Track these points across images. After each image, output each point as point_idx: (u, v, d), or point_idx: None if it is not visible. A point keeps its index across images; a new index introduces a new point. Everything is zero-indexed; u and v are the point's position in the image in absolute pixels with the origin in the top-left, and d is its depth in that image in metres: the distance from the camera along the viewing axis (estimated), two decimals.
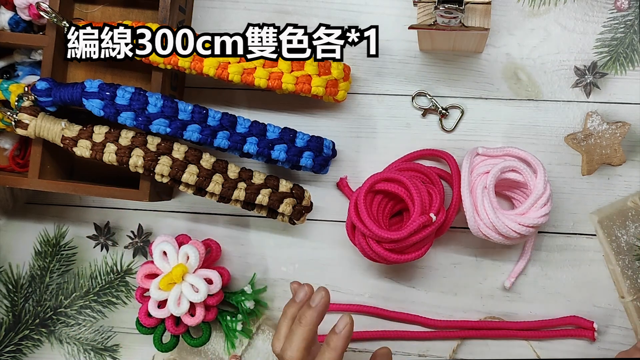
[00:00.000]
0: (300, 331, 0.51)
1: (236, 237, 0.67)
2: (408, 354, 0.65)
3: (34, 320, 0.69)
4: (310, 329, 0.51)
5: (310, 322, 0.51)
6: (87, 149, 0.58)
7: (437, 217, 0.58)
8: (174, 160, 0.59)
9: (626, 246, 0.62)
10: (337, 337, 0.50)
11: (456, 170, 0.61)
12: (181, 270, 0.60)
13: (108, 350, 0.68)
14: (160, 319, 0.62)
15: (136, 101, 0.58)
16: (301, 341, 0.50)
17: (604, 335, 0.62)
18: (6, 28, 0.65)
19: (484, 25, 0.54)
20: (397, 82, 0.65)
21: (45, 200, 0.69)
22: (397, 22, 0.65)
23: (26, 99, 0.60)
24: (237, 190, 0.60)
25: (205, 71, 0.59)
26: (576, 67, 0.63)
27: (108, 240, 0.68)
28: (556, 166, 0.63)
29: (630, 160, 0.63)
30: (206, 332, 0.64)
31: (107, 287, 0.68)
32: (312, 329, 0.51)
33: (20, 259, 0.69)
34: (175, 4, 0.62)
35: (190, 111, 0.59)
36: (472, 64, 0.64)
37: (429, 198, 0.59)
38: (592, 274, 0.63)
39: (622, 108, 0.63)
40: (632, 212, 0.62)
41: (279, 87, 0.59)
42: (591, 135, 0.62)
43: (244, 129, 0.60)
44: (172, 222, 0.68)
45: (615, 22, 0.63)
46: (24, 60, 0.66)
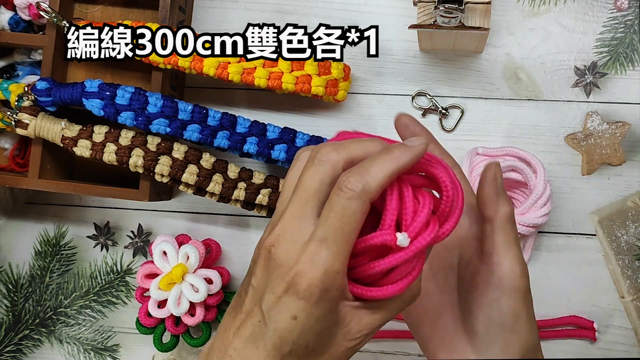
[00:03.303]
0: (385, 161, 0.34)
1: (236, 237, 0.67)
2: (408, 353, 0.65)
3: (34, 320, 0.69)
4: (399, 167, 0.34)
5: (402, 160, 0.34)
6: (87, 149, 0.58)
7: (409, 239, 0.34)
8: (174, 160, 0.59)
9: (626, 246, 0.62)
10: (406, 149, 0.35)
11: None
12: (181, 270, 0.60)
13: (108, 350, 0.68)
14: (160, 319, 0.62)
15: (136, 101, 0.58)
16: (385, 177, 0.34)
17: (604, 335, 0.62)
18: (6, 28, 0.65)
19: (484, 25, 0.54)
20: (397, 82, 0.65)
21: (45, 200, 0.69)
22: (397, 22, 0.65)
23: (26, 98, 0.60)
24: (237, 190, 0.60)
25: (205, 71, 0.59)
26: (576, 67, 0.63)
27: (108, 240, 0.68)
28: (556, 166, 0.63)
29: (630, 160, 0.63)
30: (206, 332, 0.64)
31: (107, 287, 0.68)
32: (400, 168, 0.34)
33: (20, 259, 0.69)
34: (175, 4, 0.62)
35: (190, 111, 0.59)
36: (472, 64, 0.64)
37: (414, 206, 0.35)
38: (592, 274, 0.63)
39: (622, 108, 0.63)
40: (632, 212, 0.62)
41: (279, 87, 0.60)
42: (591, 135, 0.62)
43: (244, 129, 0.60)
44: (172, 222, 0.68)
45: (615, 22, 0.63)
46: (24, 60, 0.66)
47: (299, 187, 0.35)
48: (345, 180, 0.33)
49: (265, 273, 0.34)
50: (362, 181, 0.33)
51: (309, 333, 0.34)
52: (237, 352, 0.35)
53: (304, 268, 0.33)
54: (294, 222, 0.34)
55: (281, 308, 0.34)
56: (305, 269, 0.33)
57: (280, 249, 0.34)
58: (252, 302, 0.35)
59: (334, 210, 0.33)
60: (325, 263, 0.33)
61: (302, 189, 0.34)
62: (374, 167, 0.34)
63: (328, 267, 0.33)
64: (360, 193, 0.33)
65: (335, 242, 0.33)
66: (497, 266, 0.39)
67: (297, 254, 0.33)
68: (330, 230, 0.33)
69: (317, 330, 0.34)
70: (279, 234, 0.34)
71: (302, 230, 0.34)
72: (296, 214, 0.34)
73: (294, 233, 0.34)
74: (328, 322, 0.34)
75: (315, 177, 0.34)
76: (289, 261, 0.33)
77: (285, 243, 0.34)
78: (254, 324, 0.35)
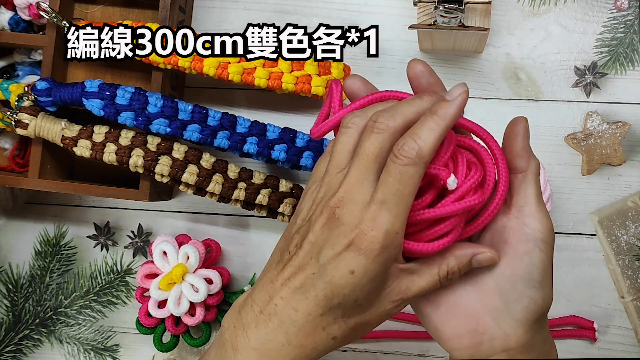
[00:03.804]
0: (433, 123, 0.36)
1: (236, 237, 0.67)
2: (408, 353, 0.65)
3: (34, 320, 0.69)
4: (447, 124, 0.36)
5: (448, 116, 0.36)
6: (87, 149, 0.58)
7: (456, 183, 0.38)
8: (174, 160, 0.59)
9: (626, 246, 0.62)
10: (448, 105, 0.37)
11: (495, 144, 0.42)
12: (181, 270, 0.60)
13: (108, 350, 0.68)
14: (160, 319, 0.62)
15: (136, 101, 0.58)
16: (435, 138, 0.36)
17: (604, 335, 0.62)
18: (6, 28, 0.65)
19: (484, 25, 0.54)
20: (397, 82, 0.65)
21: (45, 200, 0.69)
22: (397, 22, 0.65)
23: (26, 98, 0.60)
24: (237, 190, 0.60)
25: (205, 71, 0.59)
26: (576, 67, 0.63)
27: (108, 240, 0.68)
28: (556, 166, 0.63)
29: (630, 160, 0.63)
30: (206, 332, 0.64)
31: (107, 287, 0.68)
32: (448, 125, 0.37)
33: (20, 259, 0.69)
34: (175, 4, 0.62)
35: (190, 111, 0.59)
36: (472, 64, 0.64)
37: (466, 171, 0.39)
38: (592, 274, 0.63)
39: (622, 108, 0.63)
40: (632, 212, 0.62)
41: (279, 87, 0.60)
42: (591, 135, 0.62)
43: (244, 129, 0.60)
44: (172, 222, 0.68)
45: (615, 22, 0.63)
46: (24, 60, 0.66)
47: (361, 153, 0.37)
48: (400, 147, 0.36)
49: (326, 230, 0.37)
50: (415, 147, 0.36)
51: (360, 289, 0.37)
52: (285, 300, 0.38)
53: (366, 227, 0.36)
54: (357, 185, 0.37)
55: (339, 263, 0.36)
56: (367, 227, 0.36)
57: (345, 209, 0.36)
58: (308, 256, 0.37)
59: (392, 176, 0.36)
60: (386, 223, 0.36)
61: (364, 154, 0.37)
62: (424, 131, 0.36)
63: (389, 227, 0.36)
64: (415, 159, 0.36)
65: (394, 204, 0.36)
66: (531, 218, 0.39)
67: (360, 215, 0.36)
68: (389, 193, 0.36)
69: (369, 288, 0.37)
70: (343, 196, 0.37)
71: (364, 193, 0.37)
72: (359, 178, 0.37)
73: (357, 195, 0.37)
74: (380, 280, 0.37)
75: (376, 144, 0.37)
76: (352, 220, 0.36)
77: (349, 204, 0.36)
78: (307, 276, 0.37)
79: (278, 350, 0.38)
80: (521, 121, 0.41)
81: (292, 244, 0.39)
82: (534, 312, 0.39)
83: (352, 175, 0.37)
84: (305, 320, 0.38)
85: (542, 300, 0.39)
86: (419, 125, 0.37)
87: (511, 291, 0.39)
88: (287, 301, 0.38)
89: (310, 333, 0.38)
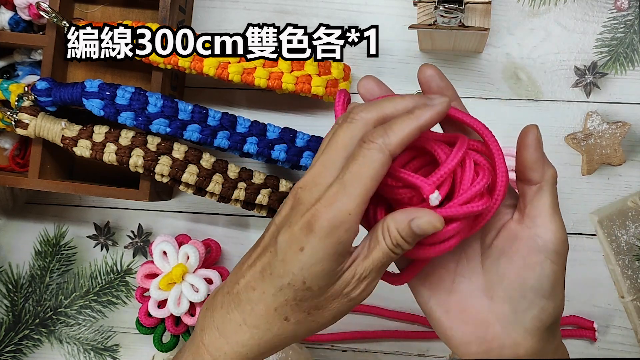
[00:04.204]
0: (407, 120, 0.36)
1: (236, 237, 0.67)
2: (408, 353, 0.65)
3: (34, 320, 0.69)
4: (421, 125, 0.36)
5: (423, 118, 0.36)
6: (87, 149, 0.58)
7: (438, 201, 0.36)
8: (174, 160, 0.59)
9: (626, 246, 0.62)
10: (427, 108, 0.36)
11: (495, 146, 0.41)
12: (181, 270, 0.60)
13: (108, 350, 0.68)
14: (160, 319, 0.62)
15: (136, 101, 0.58)
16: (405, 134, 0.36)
17: (604, 335, 0.62)
18: (6, 28, 0.65)
19: (484, 25, 0.54)
20: (397, 82, 0.65)
21: (45, 200, 0.69)
22: (397, 22, 0.65)
23: (26, 98, 0.60)
24: (237, 190, 0.60)
25: (205, 71, 0.59)
26: (576, 67, 0.63)
27: (108, 240, 0.68)
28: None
29: (630, 160, 0.63)
30: None
31: (107, 287, 0.68)
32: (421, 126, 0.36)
33: (20, 259, 0.69)
34: (175, 4, 0.62)
35: (190, 111, 0.59)
36: (472, 64, 0.64)
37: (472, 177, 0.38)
38: (592, 274, 0.63)
39: (622, 108, 0.63)
40: (632, 212, 0.62)
41: (279, 87, 0.60)
42: (591, 135, 0.62)
43: (244, 129, 0.60)
44: (172, 222, 0.68)
45: (615, 22, 0.63)
46: (24, 60, 0.66)
47: (331, 141, 0.37)
48: (368, 134, 0.36)
49: (289, 212, 0.37)
50: (384, 135, 0.35)
51: (308, 269, 0.36)
52: (246, 279, 0.39)
53: (321, 206, 0.35)
54: (322, 169, 0.37)
55: (292, 240, 0.36)
56: (321, 206, 0.35)
57: (306, 191, 0.37)
58: (271, 237, 0.38)
59: (354, 158, 0.36)
60: (339, 203, 0.35)
61: (334, 142, 0.37)
62: (396, 125, 0.36)
63: (341, 207, 0.35)
64: (380, 145, 0.35)
65: (351, 185, 0.35)
66: (543, 229, 0.39)
67: (318, 195, 0.36)
68: (349, 175, 0.35)
69: (316, 269, 0.36)
70: (307, 180, 0.37)
71: (327, 176, 0.37)
72: (325, 163, 0.37)
73: (320, 178, 0.37)
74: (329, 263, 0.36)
75: (346, 132, 0.37)
76: (310, 200, 0.36)
77: (311, 186, 0.37)
78: (267, 257, 0.38)
79: (235, 330, 0.39)
80: (532, 130, 0.40)
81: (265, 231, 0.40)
82: (544, 322, 0.39)
83: (320, 160, 0.37)
84: (259, 298, 0.38)
85: (553, 310, 0.39)
86: (393, 120, 0.37)
87: (521, 300, 0.39)
88: (247, 281, 0.38)
89: (263, 314, 0.38)
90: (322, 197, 0.36)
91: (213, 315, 0.40)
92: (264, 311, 0.38)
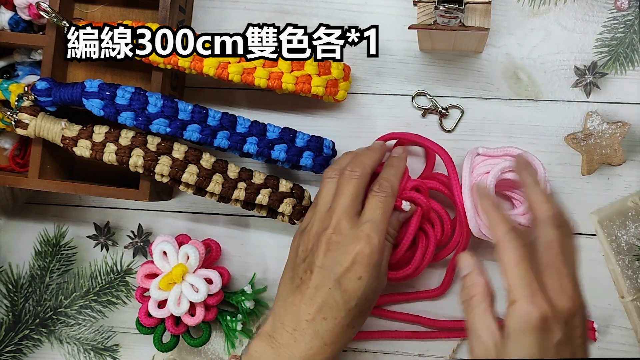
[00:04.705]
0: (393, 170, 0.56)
1: (236, 237, 0.67)
2: (408, 353, 0.65)
3: (34, 320, 0.69)
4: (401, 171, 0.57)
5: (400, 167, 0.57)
6: (87, 149, 0.58)
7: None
8: (174, 160, 0.59)
9: (626, 246, 0.62)
10: (398, 158, 0.58)
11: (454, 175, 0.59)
12: (181, 270, 0.60)
13: (108, 350, 0.68)
14: (160, 319, 0.62)
15: (136, 101, 0.58)
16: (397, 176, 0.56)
17: (604, 335, 0.62)
18: (6, 28, 0.65)
19: (484, 25, 0.54)
20: (397, 82, 0.65)
21: (45, 200, 0.69)
22: (397, 22, 0.65)
23: (26, 98, 0.60)
24: (237, 190, 0.60)
25: (205, 71, 0.59)
26: (576, 67, 0.63)
27: (108, 240, 0.68)
28: (556, 166, 0.63)
29: (630, 160, 0.63)
30: (206, 332, 0.64)
31: (107, 287, 0.68)
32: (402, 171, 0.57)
33: (20, 259, 0.69)
34: (175, 4, 0.62)
35: (190, 111, 0.59)
36: (472, 64, 0.64)
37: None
38: (592, 274, 0.63)
39: (622, 108, 0.63)
40: (632, 212, 0.62)
41: (279, 87, 0.60)
42: (591, 135, 0.62)
43: (244, 129, 0.60)
44: (172, 222, 0.68)
45: (615, 22, 0.63)
46: (24, 60, 0.66)
47: (345, 194, 0.53)
48: (379, 185, 0.55)
49: (329, 254, 0.51)
50: (389, 185, 0.55)
51: (369, 288, 0.51)
52: (312, 315, 0.50)
53: (362, 244, 0.51)
54: (344, 216, 0.52)
55: (349, 275, 0.50)
56: (363, 244, 0.51)
57: (339, 235, 0.51)
58: (321, 277, 0.51)
59: (375, 205, 0.53)
60: (374, 238, 0.51)
61: (348, 194, 0.53)
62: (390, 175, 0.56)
63: (377, 241, 0.51)
64: (390, 192, 0.54)
65: (377, 224, 0.52)
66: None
67: (353, 237, 0.51)
68: (372, 217, 0.52)
69: (374, 286, 0.52)
70: (335, 226, 0.52)
71: (350, 221, 0.52)
72: (346, 211, 0.52)
73: (345, 223, 0.52)
74: (379, 278, 0.52)
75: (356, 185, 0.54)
76: (349, 242, 0.51)
77: (342, 231, 0.51)
78: (325, 292, 0.50)
79: (319, 352, 0.50)
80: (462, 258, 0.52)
81: (300, 272, 0.52)
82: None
83: (339, 210, 0.52)
84: (334, 324, 0.50)
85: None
86: (386, 172, 0.56)
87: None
88: (314, 315, 0.50)
89: (339, 333, 0.51)
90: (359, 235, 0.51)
91: (291, 351, 0.50)
92: (340, 331, 0.51)
